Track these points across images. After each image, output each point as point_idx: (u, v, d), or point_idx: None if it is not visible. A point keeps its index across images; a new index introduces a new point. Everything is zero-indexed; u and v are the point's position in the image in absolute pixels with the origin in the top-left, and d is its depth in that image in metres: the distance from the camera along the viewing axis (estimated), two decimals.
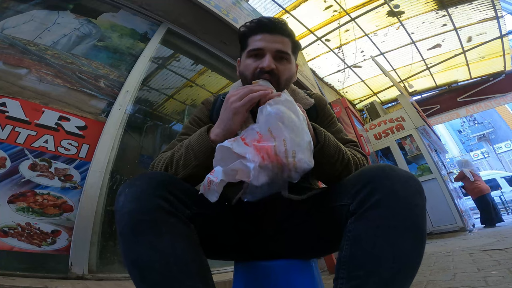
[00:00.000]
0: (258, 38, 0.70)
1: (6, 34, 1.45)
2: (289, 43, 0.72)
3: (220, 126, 0.60)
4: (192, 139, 0.61)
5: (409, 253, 0.45)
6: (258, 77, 0.69)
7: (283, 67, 0.70)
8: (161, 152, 0.72)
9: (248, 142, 0.51)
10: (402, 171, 0.51)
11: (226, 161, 0.51)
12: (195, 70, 2.63)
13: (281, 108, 0.52)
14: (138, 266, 0.46)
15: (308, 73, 4.03)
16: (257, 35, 0.70)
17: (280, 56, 0.70)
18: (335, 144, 0.60)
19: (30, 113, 1.32)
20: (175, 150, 0.64)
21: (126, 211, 0.48)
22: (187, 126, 0.79)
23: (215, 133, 0.60)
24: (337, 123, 0.81)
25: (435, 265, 1.81)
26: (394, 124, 5.29)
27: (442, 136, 15.13)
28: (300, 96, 0.79)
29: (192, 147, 0.59)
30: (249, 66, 0.71)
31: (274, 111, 0.51)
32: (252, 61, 0.70)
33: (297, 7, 4.35)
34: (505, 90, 6.40)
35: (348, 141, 0.76)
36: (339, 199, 0.55)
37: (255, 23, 0.72)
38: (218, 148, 0.52)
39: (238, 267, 0.72)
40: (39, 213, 1.21)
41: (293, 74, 0.75)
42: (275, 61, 0.69)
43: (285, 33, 0.71)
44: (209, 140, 0.59)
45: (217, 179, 0.49)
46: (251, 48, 0.71)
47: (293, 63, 0.74)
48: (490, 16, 4.73)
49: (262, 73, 0.68)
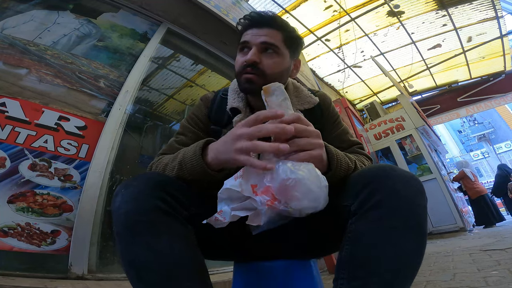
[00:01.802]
0: (248, 33, 0.69)
1: (6, 34, 1.45)
2: (279, 35, 0.68)
3: (219, 157, 0.51)
4: (187, 155, 0.55)
5: (411, 254, 0.45)
6: (242, 73, 0.67)
7: (269, 60, 0.67)
8: (159, 153, 0.71)
9: (259, 194, 0.46)
10: (403, 171, 0.50)
11: (233, 200, 0.47)
12: (195, 70, 2.63)
13: (299, 176, 0.43)
14: (135, 267, 0.46)
15: (308, 73, 4.03)
16: (247, 30, 0.70)
17: (265, 47, 0.67)
18: (346, 165, 0.56)
19: (30, 113, 1.32)
20: (169, 161, 0.60)
21: (123, 212, 0.47)
22: (184, 126, 0.76)
23: (211, 158, 0.52)
24: (342, 124, 0.79)
25: (435, 265, 1.81)
26: (394, 124, 5.29)
27: (442, 136, 15.12)
28: (304, 94, 0.77)
29: (186, 164, 0.55)
30: (237, 62, 0.70)
31: (290, 181, 0.43)
32: (240, 56, 0.70)
33: (297, 7, 4.36)
34: (505, 90, 6.40)
35: (354, 144, 0.75)
36: (339, 199, 0.55)
37: (247, 19, 0.70)
38: (225, 190, 0.47)
39: (238, 268, 0.72)
40: (38, 213, 1.21)
41: (285, 69, 0.71)
42: (261, 54, 0.67)
43: (274, 25, 0.68)
44: (203, 163, 0.53)
45: (225, 220, 0.47)
46: (239, 42, 0.70)
47: (284, 56, 0.70)
48: (490, 16, 4.73)
49: (246, 67, 0.66)
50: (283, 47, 0.69)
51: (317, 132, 0.50)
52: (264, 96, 0.51)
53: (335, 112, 0.80)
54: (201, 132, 0.74)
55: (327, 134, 0.74)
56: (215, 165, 0.52)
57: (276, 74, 0.68)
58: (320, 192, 0.45)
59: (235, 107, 0.72)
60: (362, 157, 0.69)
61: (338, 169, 0.54)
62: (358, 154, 0.69)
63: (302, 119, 0.49)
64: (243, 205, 0.47)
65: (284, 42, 0.69)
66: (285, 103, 0.51)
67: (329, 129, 0.76)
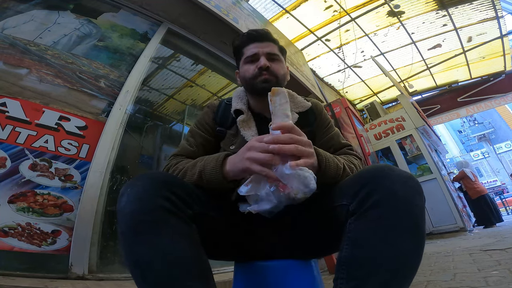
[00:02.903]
0: (252, 47, 0.82)
1: (6, 34, 1.45)
2: (275, 46, 0.85)
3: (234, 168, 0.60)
4: (207, 166, 0.62)
5: (409, 253, 0.46)
6: (258, 76, 0.78)
7: (276, 65, 0.81)
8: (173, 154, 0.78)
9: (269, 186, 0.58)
10: (401, 171, 0.51)
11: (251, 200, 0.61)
12: (195, 70, 2.64)
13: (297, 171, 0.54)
14: (139, 266, 0.46)
15: (308, 73, 4.03)
16: (250, 44, 0.83)
17: (272, 57, 0.82)
18: (334, 165, 0.63)
19: (30, 113, 1.32)
20: (187, 168, 0.66)
21: (128, 212, 0.48)
22: (193, 130, 0.84)
23: (228, 169, 0.61)
24: (334, 128, 0.88)
25: (435, 265, 1.81)
26: (394, 124, 5.29)
27: (442, 136, 15.12)
28: (298, 99, 0.87)
29: (206, 175, 0.62)
30: (248, 69, 0.81)
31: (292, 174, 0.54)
32: (250, 65, 0.81)
33: (297, 7, 4.36)
34: (505, 90, 6.40)
35: (344, 146, 0.83)
36: (339, 200, 0.55)
37: (245, 36, 0.84)
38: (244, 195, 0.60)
39: (238, 267, 0.72)
40: (39, 213, 1.21)
41: (286, 72, 0.87)
42: (268, 61, 0.80)
43: (271, 40, 0.84)
44: (221, 176, 0.60)
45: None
46: (248, 55, 0.82)
47: (283, 62, 0.85)
48: (490, 16, 4.73)
49: (261, 71, 0.78)
50: (280, 55, 0.85)
51: (309, 141, 0.58)
52: (270, 96, 0.59)
53: (327, 117, 0.90)
54: (208, 135, 0.83)
55: (321, 137, 0.84)
56: (231, 176, 0.60)
57: (283, 76, 0.83)
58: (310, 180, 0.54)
59: (238, 108, 0.82)
60: (351, 157, 0.76)
61: (327, 168, 0.61)
62: (348, 155, 0.77)
63: (296, 129, 0.57)
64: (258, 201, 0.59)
65: (279, 51, 0.85)
66: (286, 106, 0.59)
67: (322, 132, 0.85)
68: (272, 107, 0.59)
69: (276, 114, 0.58)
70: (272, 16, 4.44)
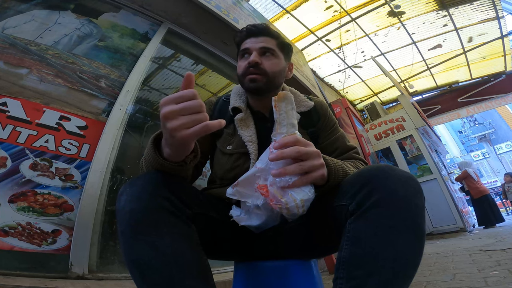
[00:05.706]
0: (247, 42, 0.79)
1: (7, 34, 1.45)
2: (273, 41, 0.79)
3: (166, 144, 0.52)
4: (146, 154, 0.57)
5: (409, 253, 0.45)
6: (246, 74, 0.74)
7: (268, 61, 0.76)
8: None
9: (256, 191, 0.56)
10: (401, 171, 0.51)
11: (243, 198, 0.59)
12: (195, 70, 2.63)
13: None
14: (138, 266, 0.46)
15: (309, 74, 4.02)
16: (247, 40, 0.80)
17: (264, 51, 0.77)
18: (343, 174, 0.59)
19: (31, 112, 1.32)
20: (142, 159, 0.60)
21: (127, 211, 0.48)
22: None
23: (163, 148, 0.53)
24: (339, 129, 0.85)
25: (435, 266, 1.81)
26: (394, 124, 5.29)
27: (442, 137, 15.10)
28: (300, 98, 0.83)
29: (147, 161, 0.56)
30: (240, 66, 0.78)
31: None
32: (242, 62, 0.78)
33: (297, 7, 4.36)
34: (505, 91, 6.40)
35: (350, 149, 0.80)
36: (338, 199, 0.55)
37: (244, 31, 0.81)
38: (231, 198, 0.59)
39: (238, 267, 0.72)
40: (39, 212, 1.21)
41: (282, 69, 0.80)
42: (261, 57, 0.76)
43: (269, 34, 0.80)
44: (157, 156, 0.53)
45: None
46: (240, 50, 0.80)
47: (280, 58, 0.79)
48: (491, 16, 4.73)
49: (249, 68, 0.74)
50: (278, 51, 0.79)
51: (318, 152, 0.53)
52: (275, 102, 0.55)
53: (333, 118, 0.85)
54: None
55: (325, 139, 0.81)
56: (169, 155, 0.52)
57: (276, 73, 0.77)
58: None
59: (236, 106, 0.78)
60: (358, 163, 0.74)
61: (335, 179, 0.57)
62: (354, 160, 0.75)
63: (301, 140, 0.52)
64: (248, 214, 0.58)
65: (278, 47, 0.80)
66: (291, 113, 0.55)
67: (326, 134, 0.82)
68: (276, 115, 0.54)
69: (280, 123, 0.54)
70: (272, 16, 4.45)
